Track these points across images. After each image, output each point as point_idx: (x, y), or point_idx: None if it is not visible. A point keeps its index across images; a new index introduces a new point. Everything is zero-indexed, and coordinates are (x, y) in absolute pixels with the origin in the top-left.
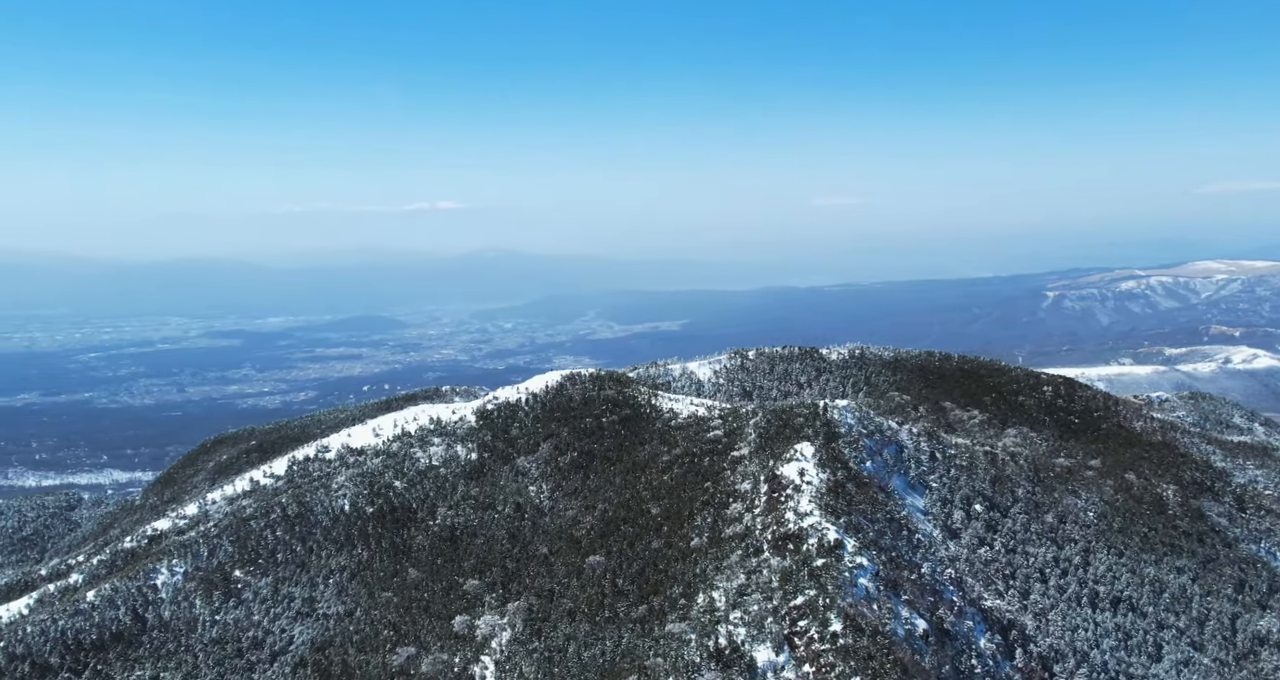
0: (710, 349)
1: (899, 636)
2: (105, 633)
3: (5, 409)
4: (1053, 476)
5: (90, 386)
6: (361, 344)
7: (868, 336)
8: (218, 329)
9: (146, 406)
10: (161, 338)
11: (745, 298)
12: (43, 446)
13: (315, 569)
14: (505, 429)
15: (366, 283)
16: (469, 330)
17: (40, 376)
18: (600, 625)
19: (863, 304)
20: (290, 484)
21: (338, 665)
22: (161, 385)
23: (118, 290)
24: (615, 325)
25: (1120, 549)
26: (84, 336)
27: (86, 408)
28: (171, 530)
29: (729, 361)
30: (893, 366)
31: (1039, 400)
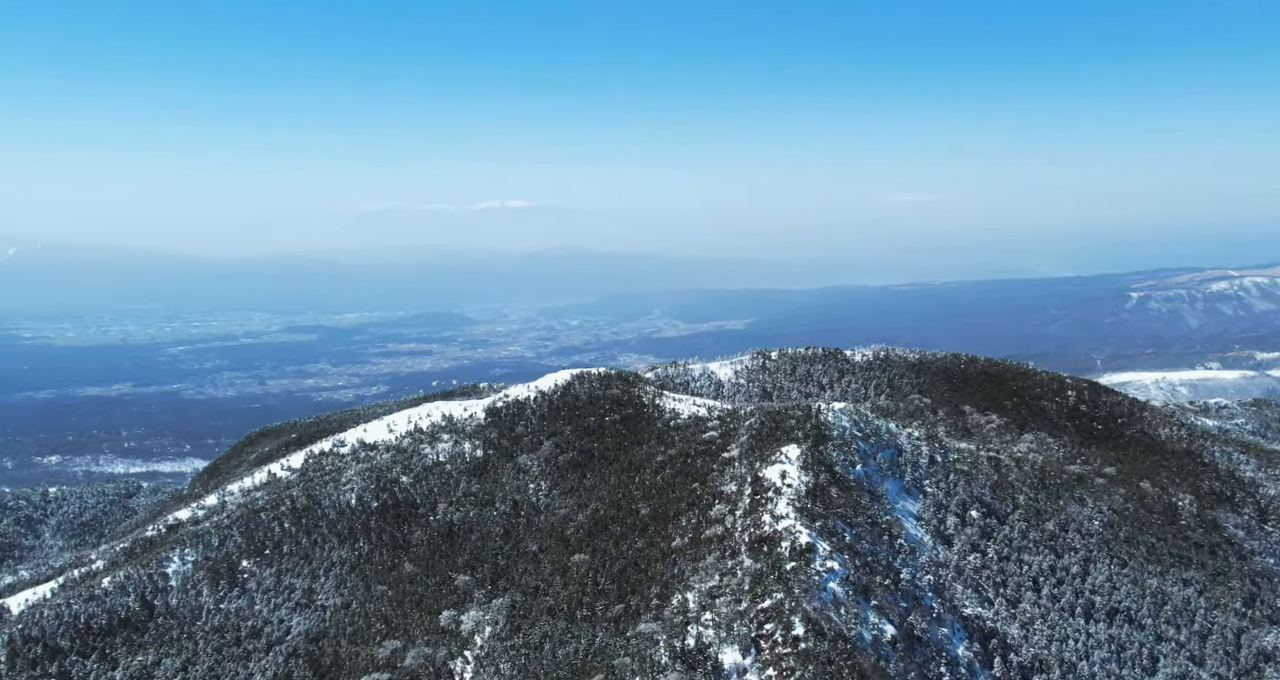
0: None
1: (865, 641)
2: (115, 618)
3: (100, 399)
4: (1059, 484)
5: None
6: (432, 340)
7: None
8: (297, 324)
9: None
10: (245, 332)
11: (811, 297)
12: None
13: (317, 561)
14: (511, 427)
15: (438, 280)
16: (536, 327)
17: (133, 368)
18: (577, 623)
19: (934, 303)
20: (303, 477)
21: (329, 656)
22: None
23: (207, 286)
24: (680, 324)
25: (1124, 559)
26: (174, 330)
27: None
28: (190, 520)
29: (751, 362)
30: (916, 369)
31: (1061, 405)
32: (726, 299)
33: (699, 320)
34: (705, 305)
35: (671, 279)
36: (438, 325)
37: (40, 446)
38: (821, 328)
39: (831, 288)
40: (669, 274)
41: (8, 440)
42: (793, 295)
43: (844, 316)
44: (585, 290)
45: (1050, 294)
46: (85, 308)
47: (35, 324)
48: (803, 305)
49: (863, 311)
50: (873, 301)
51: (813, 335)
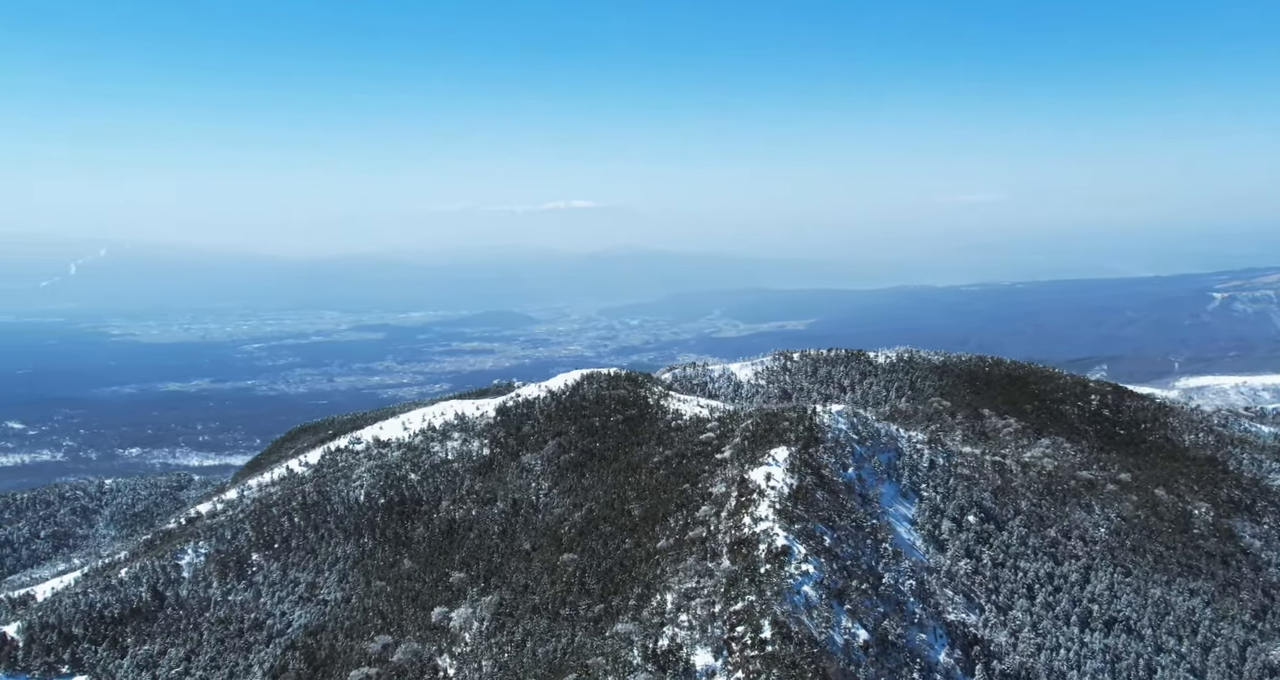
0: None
1: (836, 645)
2: (127, 608)
3: (180, 394)
4: (1065, 490)
5: (253, 375)
6: (494, 339)
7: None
8: (365, 322)
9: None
10: (315, 330)
11: (875, 297)
12: (206, 429)
13: (323, 556)
14: (519, 426)
15: (502, 279)
16: (596, 327)
17: (211, 364)
18: (559, 622)
19: (1002, 304)
20: (317, 473)
21: (325, 650)
22: (313, 375)
23: (281, 286)
24: (740, 324)
25: (1128, 567)
26: (250, 329)
27: (248, 394)
28: (209, 513)
29: (772, 363)
30: (940, 371)
31: (1083, 409)
32: (788, 299)
33: (759, 320)
34: (766, 305)
35: (732, 279)
36: (500, 324)
37: (122, 439)
38: (885, 328)
39: (896, 288)
40: (730, 274)
41: (93, 433)
42: (856, 295)
43: (908, 317)
44: (646, 290)
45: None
46: (168, 306)
47: (123, 321)
48: (866, 306)
49: (928, 312)
50: (938, 302)
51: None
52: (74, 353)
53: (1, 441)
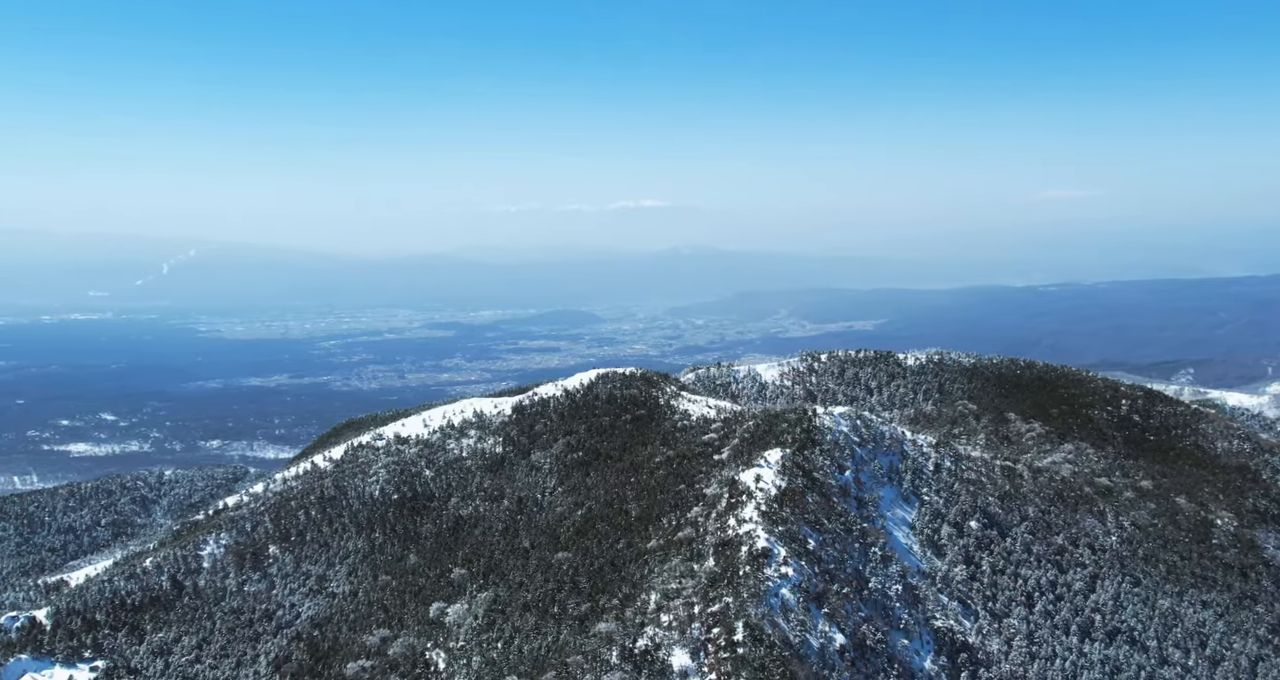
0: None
1: (812, 649)
2: (148, 596)
3: (260, 389)
4: (1077, 496)
5: (329, 371)
6: (560, 337)
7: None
8: (436, 320)
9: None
10: (389, 328)
11: (947, 297)
12: (283, 423)
13: (334, 549)
14: (532, 424)
15: (569, 278)
16: (662, 326)
17: (291, 361)
18: (547, 620)
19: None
20: (338, 468)
21: (329, 641)
22: (385, 371)
23: (358, 284)
24: (807, 324)
25: (1137, 577)
26: (327, 326)
27: (323, 390)
28: (234, 506)
29: (799, 364)
30: (969, 374)
31: (1112, 414)
32: (856, 299)
33: (827, 320)
34: (834, 305)
35: (800, 278)
36: (567, 323)
37: (205, 432)
38: (957, 330)
39: (971, 288)
40: (798, 273)
41: (178, 425)
42: (928, 295)
43: (982, 318)
44: (713, 289)
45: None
46: (252, 304)
47: (210, 318)
48: (938, 306)
49: (1003, 313)
50: (1015, 302)
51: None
52: (164, 348)
53: (95, 432)
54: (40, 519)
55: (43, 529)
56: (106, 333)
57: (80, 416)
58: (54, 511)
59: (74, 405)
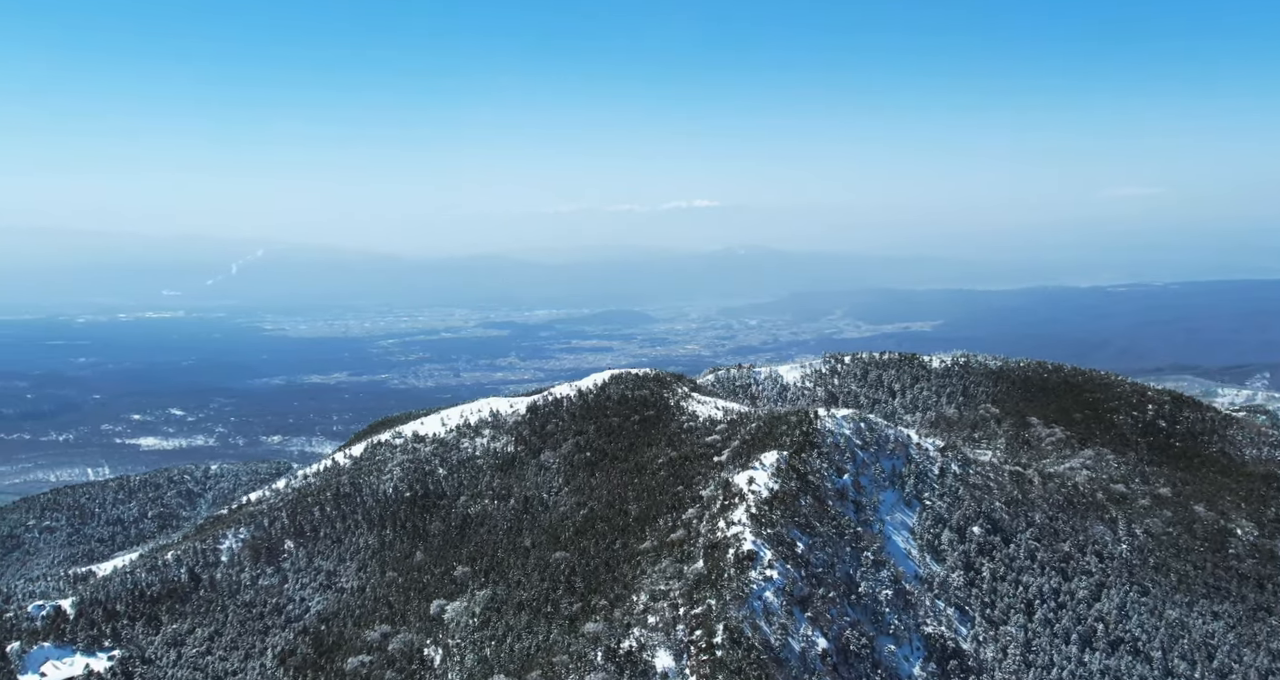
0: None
1: (793, 653)
2: (166, 588)
3: (321, 386)
4: (1087, 503)
5: (386, 369)
6: (613, 337)
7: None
8: (491, 320)
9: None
10: (445, 327)
11: (1009, 298)
12: (340, 419)
13: (346, 545)
14: (544, 425)
15: (623, 279)
16: (714, 326)
17: (350, 359)
18: (539, 619)
19: (1152, 306)
20: (355, 465)
21: (333, 636)
22: (441, 370)
23: (416, 284)
24: (863, 325)
25: (1146, 586)
26: (386, 325)
27: (380, 387)
28: (257, 500)
29: (821, 365)
30: (995, 377)
31: (1137, 419)
32: (914, 300)
33: (883, 321)
34: (890, 306)
35: (856, 278)
36: (620, 323)
37: (267, 427)
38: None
39: (1033, 288)
40: (853, 273)
41: (242, 421)
42: (988, 296)
43: (1045, 320)
44: (766, 289)
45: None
46: (315, 303)
47: (275, 317)
48: (999, 307)
49: (1067, 314)
50: (1080, 304)
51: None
52: (232, 346)
53: (164, 427)
54: (91, 510)
55: (92, 520)
56: (178, 331)
57: (151, 411)
58: (104, 503)
59: (146, 400)
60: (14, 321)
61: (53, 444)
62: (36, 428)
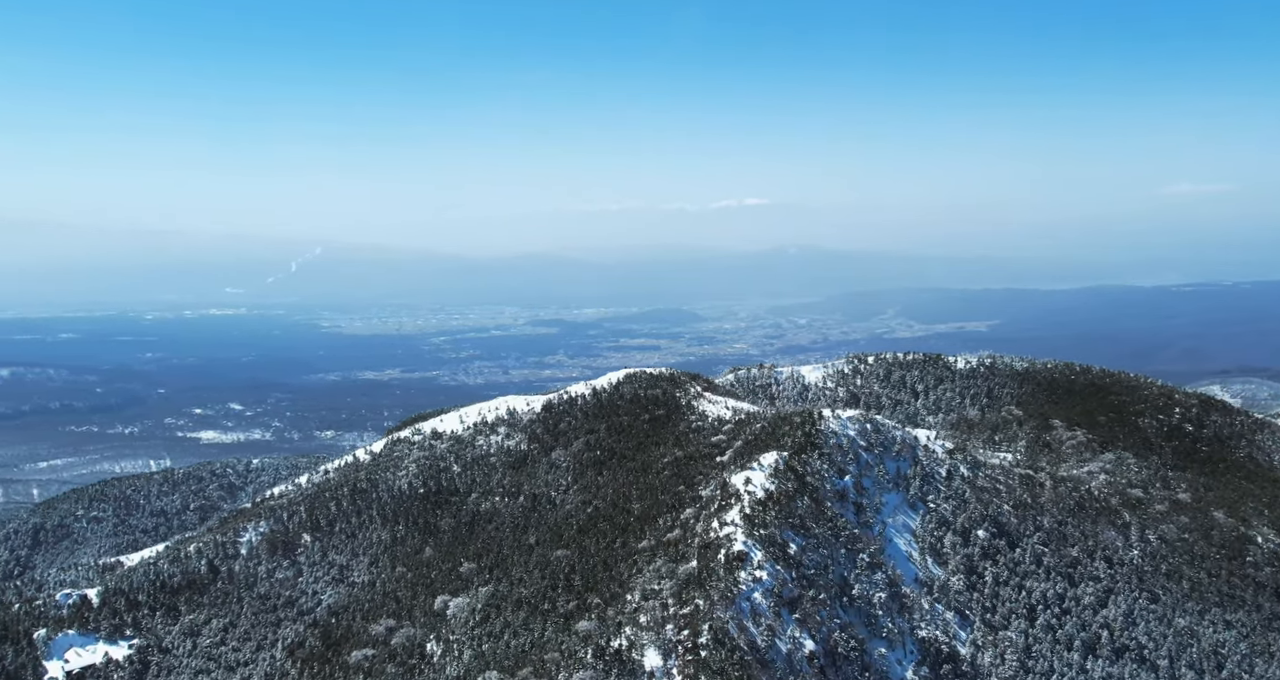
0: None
1: (779, 654)
2: (186, 579)
3: (374, 382)
4: (1099, 508)
5: (437, 366)
6: (661, 336)
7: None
8: (540, 318)
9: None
10: (495, 325)
11: (1069, 297)
12: (391, 415)
13: (360, 540)
14: (557, 423)
15: (672, 277)
16: (763, 325)
17: (403, 355)
18: (536, 616)
19: (1219, 306)
20: (374, 461)
21: (341, 629)
22: (490, 367)
23: (467, 282)
24: (915, 324)
25: (1156, 594)
26: (438, 323)
27: (431, 384)
28: (279, 495)
29: (844, 366)
30: (1021, 378)
31: (1163, 423)
32: (969, 299)
33: (936, 321)
34: (944, 305)
35: (909, 277)
36: (668, 321)
37: (321, 422)
38: (1077, 331)
39: (1094, 288)
40: (906, 272)
41: (298, 416)
42: (1047, 295)
43: (1106, 320)
44: (817, 288)
45: None
46: (370, 301)
47: (331, 314)
48: (1058, 306)
49: (1128, 314)
50: (1143, 303)
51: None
52: (290, 342)
53: (224, 421)
54: (136, 502)
55: (137, 511)
56: (240, 327)
57: (211, 406)
58: (149, 495)
59: (207, 395)
60: (86, 317)
61: (119, 436)
62: (104, 420)
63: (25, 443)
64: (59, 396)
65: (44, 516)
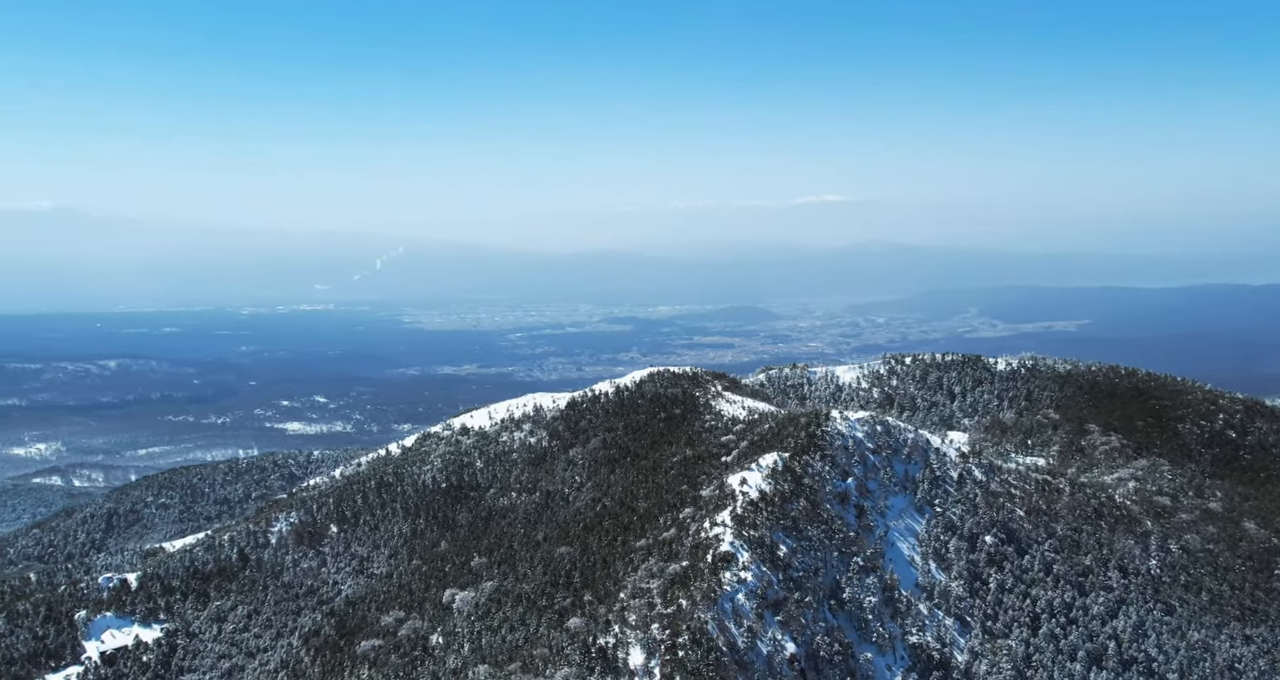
0: (1113, 355)
1: (759, 656)
2: (218, 567)
3: (451, 377)
4: (1118, 516)
5: (513, 362)
6: (735, 334)
7: None
8: (615, 315)
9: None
10: (570, 322)
11: (1169, 296)
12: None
13: (382, 533)
14: (578, 421)
15: (748, 275)
16: (840, 324)
17: (480, 351)
18: (533, 612)
19: None
20: (403, 455)
21: (356, 619)
22: (564, 363)
23: (544, 279)
24: (999, 323)
25: (1172, 605)
26: (515, 319)
27: (507, 379)
28: (313, 486)
29: (881, 367)
30: (1062, 381)
31: (1204, 429)
32: (1058, 297)
33: (1022, 320)
34: (1031, 304)
35: (994, 275)
36: (742, 319)
37: (399, 415)
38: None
39: (1197, 286)
40: (991, 270)
41: (378, 409)
42: (1144, 294)
43: (1208, 320)
44: (897, 286)
45: None
46: (449, 297)
47: (413, 311)
48: (1156, 306)
49: (1233, 313)
50: (1251, 303)
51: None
52: (373, 338)
53: (308, 413)
54: (201, 490)
55: (202, 499)
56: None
57: (298, 398)
58: (213, 484)
59: (294, 387)
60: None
61: (212, 426)
62: (199, 411)
63: (128, 430)
64: (160, 387)
65: (118, 502)
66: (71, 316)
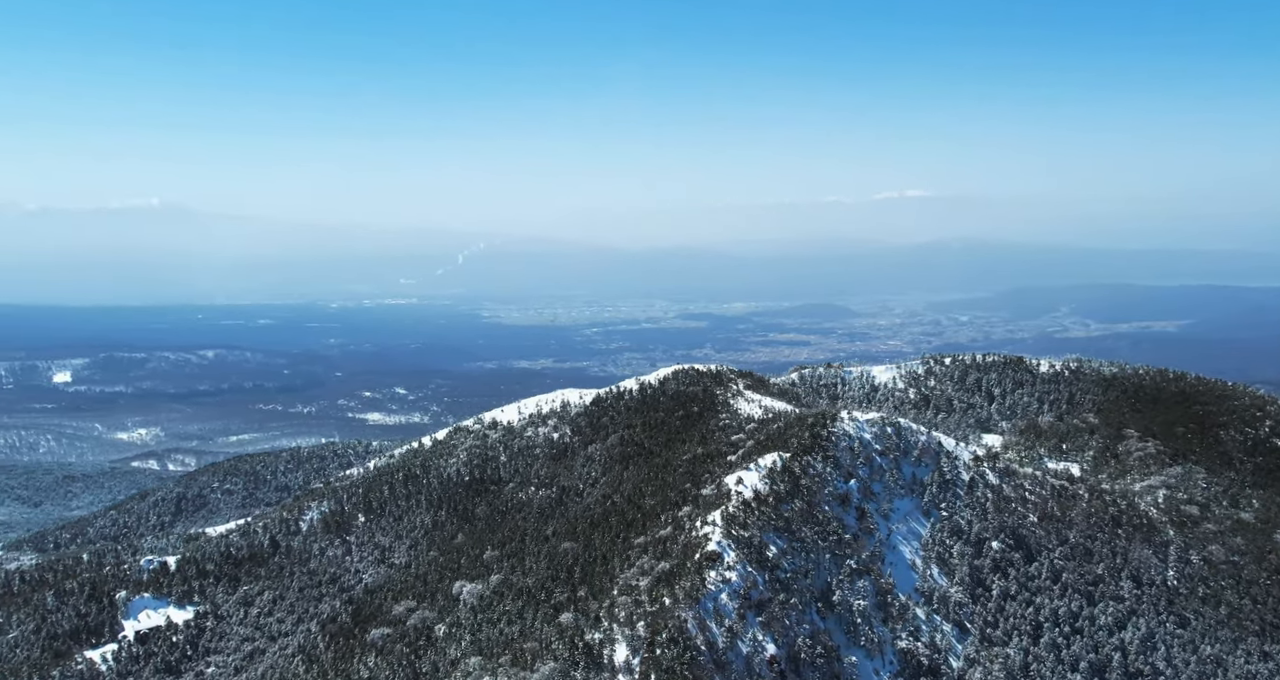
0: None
1: (739, 656)
2: (250, 552)
3: (528, 371)
4: (1137, 524)
5: (588, 357)
6: (811, 331)
7: None
8: (690, 311)
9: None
10: (646, 317)
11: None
12: None
13: (405, 524)
14: (601, 417)
15: (826, 272)
16: (921, 322)
17: (557, 346)
18: (531, 606)
19: None
20: (435, 448)
21: (371, 608)
22: (638, 359)
23: (621, 275)
24: (1091, 323)
25: (1186, 618)
26: (591, 314)
27: (581, 374)
28: (346, 476)
29: (918, 367)
30: (1106, 384)
31: (1247, 436)
32: (1156, 296)
33: (1117, 320)
34: (1127, 303)
35: (1087, 273)
36: (819, 316)
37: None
38: None
39: None
40: (1084, 267)
41: (454, 401)
42: (1252, 293)
43: None
44: (981, 284)
45: None
46: (528, 292)
47: (493, 305)
48: (1265, 306)
49: None
50: None
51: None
52: (453, 331)
53: (388, 404)
54: (264, 477)
55: (264, 486)
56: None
57: (379, 389)
58: (275, 472)
59: (376, 379)
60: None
61: (298, 415)
62: (288, 400)
63: (221, 418)
64: (253, 377)
65: (186, 486)
66: (175, 308)
